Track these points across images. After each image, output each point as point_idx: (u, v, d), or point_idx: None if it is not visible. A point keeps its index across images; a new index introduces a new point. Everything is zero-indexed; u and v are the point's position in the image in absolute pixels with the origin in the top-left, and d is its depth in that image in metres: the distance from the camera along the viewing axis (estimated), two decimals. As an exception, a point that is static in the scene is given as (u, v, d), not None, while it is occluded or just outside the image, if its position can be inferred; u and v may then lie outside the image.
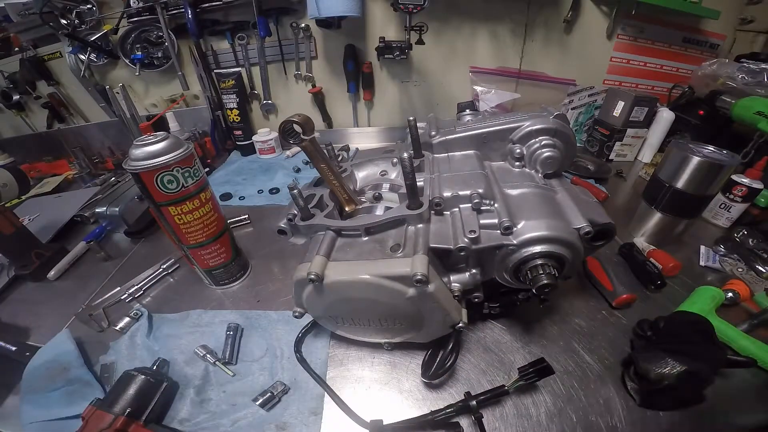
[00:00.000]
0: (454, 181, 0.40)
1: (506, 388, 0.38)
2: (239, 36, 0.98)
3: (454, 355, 0.41)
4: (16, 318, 0.56)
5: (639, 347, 0.42)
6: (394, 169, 0.50)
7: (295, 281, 0.37)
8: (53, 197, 0.96)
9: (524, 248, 0.35)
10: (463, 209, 0.38)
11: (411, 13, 0.82)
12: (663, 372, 0.37)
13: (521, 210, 0.37)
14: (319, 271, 0.34)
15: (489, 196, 0.38)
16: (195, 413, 0.41)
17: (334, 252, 0.38)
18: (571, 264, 0.37)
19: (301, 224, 0.41)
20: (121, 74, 1.06)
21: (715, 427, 0.37)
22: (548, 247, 0.35)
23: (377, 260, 0.35)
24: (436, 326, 0.39)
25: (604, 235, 0.40)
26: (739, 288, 0.49)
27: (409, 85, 1.05)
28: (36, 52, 1.04)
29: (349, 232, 0.40)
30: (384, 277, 0.34)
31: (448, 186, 0.40)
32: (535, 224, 0.35)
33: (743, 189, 0.61)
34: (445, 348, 0.41)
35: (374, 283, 0.34)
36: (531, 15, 0.92)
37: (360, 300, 0.36)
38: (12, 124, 1.21)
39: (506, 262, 0.37)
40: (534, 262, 0.36)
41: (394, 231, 0.38)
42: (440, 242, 0.36)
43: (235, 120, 1.06)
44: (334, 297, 0.37)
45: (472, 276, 0.39)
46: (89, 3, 0.92)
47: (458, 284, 0.39)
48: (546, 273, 0.35)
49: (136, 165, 0.43)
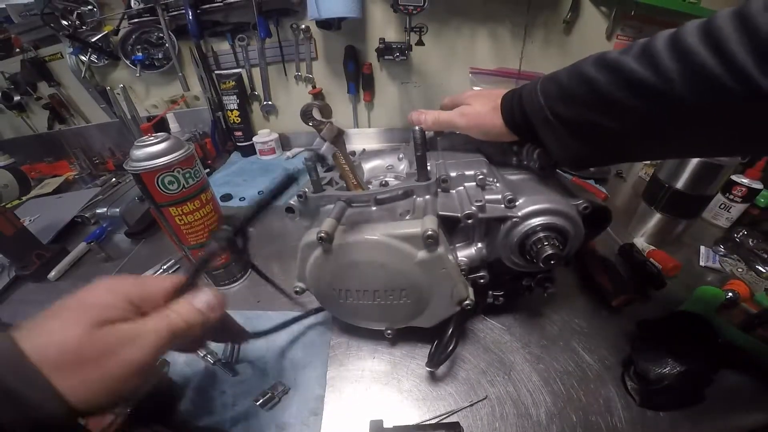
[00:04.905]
0: (459, 165, 0.42)
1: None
2: (239, 37, 0.98)
3: (454, 340, 0.41)
4: (17, 318, 0.56)
5: (639, 347, 0.42)
6: (400, 163, 0.51)
7: (302, 245, 0.38)
8: (54, 198, 0.96)
9: (527, 220, 0.36)
10: (468, 186, 0.40)
11: (411, 14, 0.83)
12: (663, 372, 0.37)
13: (522, 189, 0.38)
14: (330, 231, 0.35)
15: (492, 176, 0.40)
16: (195, 413, 0.41)
17: (344, 219, 0.38)
18: (572, 239, 0.37)
19: (312, 196, 0.41)
20: (122, 75, 1.06)
21: (715, 427, 0.37)
22: (550, 219, 0.36)
23: (387, 222, 0.36)
24: (443, 302, 0.39)
25: (601, 221, 0.41)
26: (739, 288, 0.49)
27: (409, 86, 1.05)
28: (37, 53, 1.05)
29: (360, 204, 0.41)
30: (394, 237, 0.34)
31: (453, 168, 0.41)
32: (536, 198, 0.37)
33: (743, 189, 0.61)
34: (444, 334, 0.41)
35: (384, 243, 0.35)
36: (531, 16, 0.92)
37: (367, 265, 0.36)
38: (13, 125, 1.21)
39: (511, 237, 0.37)
40: (537, 235, 0.36)
41: (404, 202, 0.40)
42: (448, 210, 0.37)
43: (235, 121, 1.06)
44: (341, 261, 0.37)
45: (478, 251, 0.40)
46: (90, 4, 0.93)
47: (465, 259, 0.40)
48: (551, 244, 0.35)
49: (137, 166, 0.43)
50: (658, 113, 0.27)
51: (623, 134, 0.29)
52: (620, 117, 0.28)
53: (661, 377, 0.36)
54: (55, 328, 0.22)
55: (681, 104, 0.25)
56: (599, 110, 0.29)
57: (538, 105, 0.33)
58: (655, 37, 0.26)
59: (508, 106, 0.37)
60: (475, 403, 0.40)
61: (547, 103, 0.33)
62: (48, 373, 0.20)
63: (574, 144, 0.33)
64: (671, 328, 0.42)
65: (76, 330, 0.22)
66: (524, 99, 0.35)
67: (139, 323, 0.25)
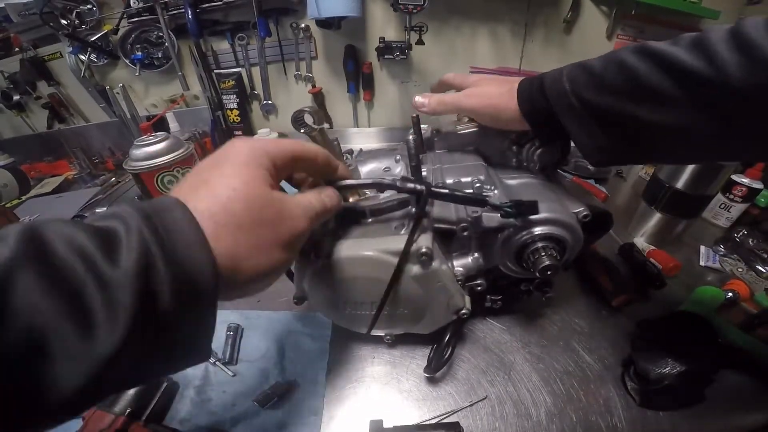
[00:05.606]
0: (455, 171, 0.41)
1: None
2: (239, 36, 0.98)
3: (451, 347, 0.41)
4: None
5: (639, 347, 0.42)
6: (397, 165, 0.51)
7: (297, 258, 0.38)
8: (54, 198, 0.96)
9: (524, 230, 0.36)
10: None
11: (411, 13, 0.82)
12: (663, 372, 0.37)
13: (520, 196, 0.38)
14: (326, 247, 0.35)
15: (489, 183, 0.39)
16: (195, 413, 0.41)
17: (340, 230, 0.38)
18: (571, 248, 0.37)
19: None
20: (122, 74, 1.06)
21: (715, 427, 0.37)
22: (548, 229, 0.35)
23: (382, 237, 0.36)
24: (439, 312, 0.39)
25: (602, 225, 0.40)
26: (739, 288, 0.49)
27: (409, 86, 1.05)
28: (36, 52, 1.05)
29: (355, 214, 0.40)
30: (389, 253, 0.34)
31: (450, 175, 0.41)
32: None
33: (743, 189, 0.61)
34: (442, 340, 0.41)
35: (378, 259, 0.34)
36: (531, 15, 0.92)
37: (363, 279, 0.36)
38: (12, 124, 1.21)
39: (508, 246, 0.37)
40: (535, 245, 0.36)
41: (399, 213, 0.39)
42: (443, 221, 0.36)
43: (235, 120, 1.06)
44: (338, 275, 0.37)
45: (474, 260, 0.40)
46: (89, 3, 0.93)
47: (461, 269, 0.39)
48: (548, 255, 0.35)
49: (137, 165, 0.43)
50: (703, 105, 0.26)
51: (658, 126, 0.28)
52: (660, 108, 0.28)
53: (661, 377, 0.36)
54: (235, 184, 0.22)
55: (733, 96, 0.24)
56: (636, 100, 0.28)
57: (562, 90, 0.32)
58: (707, 30, 0.26)
59: (526, 91, 0.36)
60: (475, 403, 0.40)
61: (574, 90, 0.32)
62: (213, 238, 0.20)
63: (601, 135, 0.32)
64: (671, 328, 0.42)
65: (258, 190, 0.23)
66: (546, 84, 0.34)
67: (299, 195, 0.27)
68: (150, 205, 0.20)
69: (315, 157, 0.29)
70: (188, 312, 0.19)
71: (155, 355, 0.20)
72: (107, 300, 0.16)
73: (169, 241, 0.19)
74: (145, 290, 0.17)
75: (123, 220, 0.19)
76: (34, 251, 0.16)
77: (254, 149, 0.25)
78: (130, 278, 0.17)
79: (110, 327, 0.16)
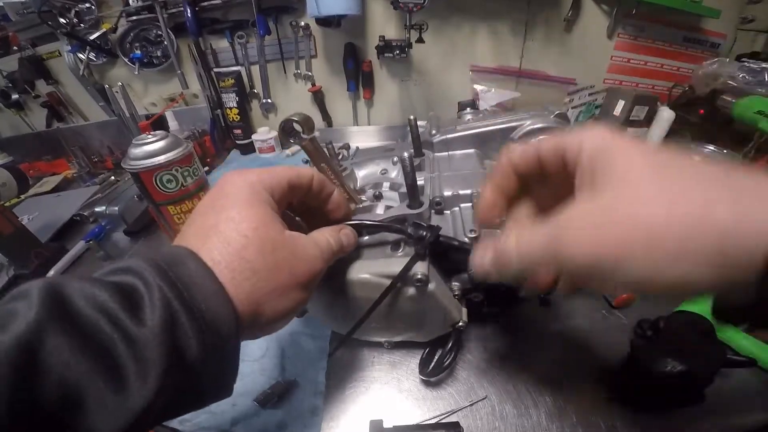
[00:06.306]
0: (454, 180, 0.40)
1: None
2: (239, 35, 0.98)
3: (453, 354, 0.41)
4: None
5: (639, 347, 0.42)
6: (394, 167, 0.50)
7: None
8: (52, 196, 0.96)
9: None
10: (463, 208, 0.38)
11: (411, 11, 0.82)
12: (663, 372, 0.37)
13: None
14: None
15: None
16: (195, 413, 0.40)
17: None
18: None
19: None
20: (120, 73, 1.06)
21: (715, 427, 0.37)
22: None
23: (377, 259, 0.35)
24: (436, 325, 0.39)
25: None
26: (739, 288, 0.49)
27: (409, 84, 1.05)
28: (35, 51, 1.04)
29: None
30: (384, 276, 0.34)
31: (448, 185, 0.40)
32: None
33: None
34: (444, 347, 0.41)
35: (374, 282, 0.34)
36: (531, 13, 0.91)
37: (360, 299, 0.36)
38: (11, 123, 1.21)
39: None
40: None
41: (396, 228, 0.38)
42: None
43: (234, 119, 1.05)
44: (335, 294, 0.37)
45: (471, 275, 0.39)
46: (88, 2, 0.92)
47: (458, 283, 0.39)
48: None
49: (136, 164, 0.43)
50: None
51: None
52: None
53: (661, 377, 0.36)
54: (245, 231, 0.22)
55: None
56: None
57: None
58: None
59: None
60: (475, 402, 0.40)
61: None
62: (231, 287, 0.21)
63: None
64: (671, 328, 0.42)
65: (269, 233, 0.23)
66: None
67: (317, 233, 0.27)
68: (162, 257, 0.20)
69: (309, 183, 0.29)
70: (214, 358, 0.20)
71: (185, 398, 0.20)
72: (136, 357, 0.17)
73: (189, 295, 0.19)
74: (173, 345, 0.18)
75: (139, 275, 0.19)
76: (58, 311, 0.16)
77: (252, 184, 0.25)
78: (158, 336, 0.17)
79: (142, 382, 0.17)
